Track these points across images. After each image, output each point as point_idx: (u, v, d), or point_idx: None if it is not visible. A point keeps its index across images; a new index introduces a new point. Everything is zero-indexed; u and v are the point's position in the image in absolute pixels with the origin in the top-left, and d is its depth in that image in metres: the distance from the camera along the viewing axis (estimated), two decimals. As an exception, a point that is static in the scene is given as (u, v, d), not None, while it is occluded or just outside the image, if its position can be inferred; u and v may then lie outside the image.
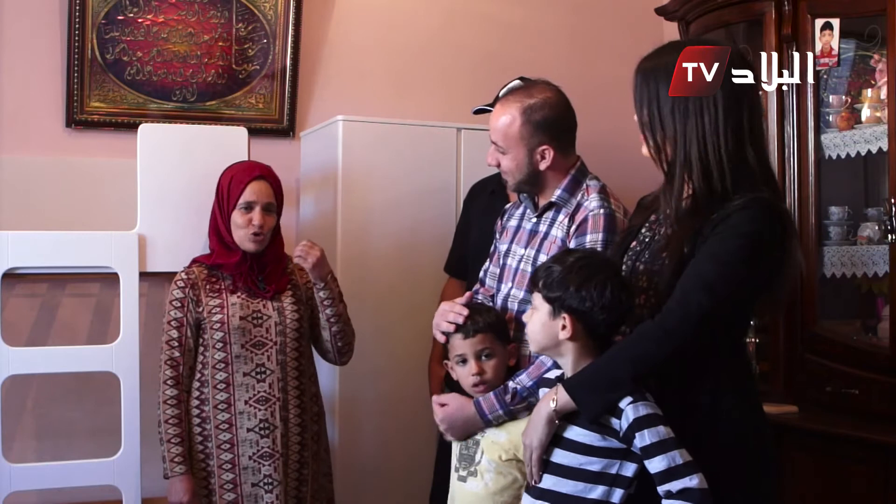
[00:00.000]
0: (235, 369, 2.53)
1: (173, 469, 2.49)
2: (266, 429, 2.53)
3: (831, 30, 2.83)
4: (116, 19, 3.22)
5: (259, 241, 2.56)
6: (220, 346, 2.53)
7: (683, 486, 1.63)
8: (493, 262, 2.44)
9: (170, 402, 2.52)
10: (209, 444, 2.53)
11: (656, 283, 1.80)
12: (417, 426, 3.13)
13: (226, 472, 2.52)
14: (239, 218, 2.56)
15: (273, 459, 2.52)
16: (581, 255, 1.84)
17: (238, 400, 2.52)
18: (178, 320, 2.55)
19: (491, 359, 2.10)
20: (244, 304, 2.56)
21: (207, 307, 2.55)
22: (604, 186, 2.27)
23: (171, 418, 2.51)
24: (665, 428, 1.66)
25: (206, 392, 2.54)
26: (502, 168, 2.29)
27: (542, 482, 1.77)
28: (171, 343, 2.54)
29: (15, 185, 3.12)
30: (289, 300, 2.61)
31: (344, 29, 3.59)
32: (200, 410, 2.54)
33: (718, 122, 1.76)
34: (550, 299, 1.79)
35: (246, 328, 2.54)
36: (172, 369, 2.53)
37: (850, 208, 2.96)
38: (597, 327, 1.77)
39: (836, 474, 2.61)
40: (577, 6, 3.92)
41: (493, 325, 2.12)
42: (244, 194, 2.56)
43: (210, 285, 2.58)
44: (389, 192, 3.13)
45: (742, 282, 1.71)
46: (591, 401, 1.70)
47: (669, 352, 1.71)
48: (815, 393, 2.83)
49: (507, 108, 2.25)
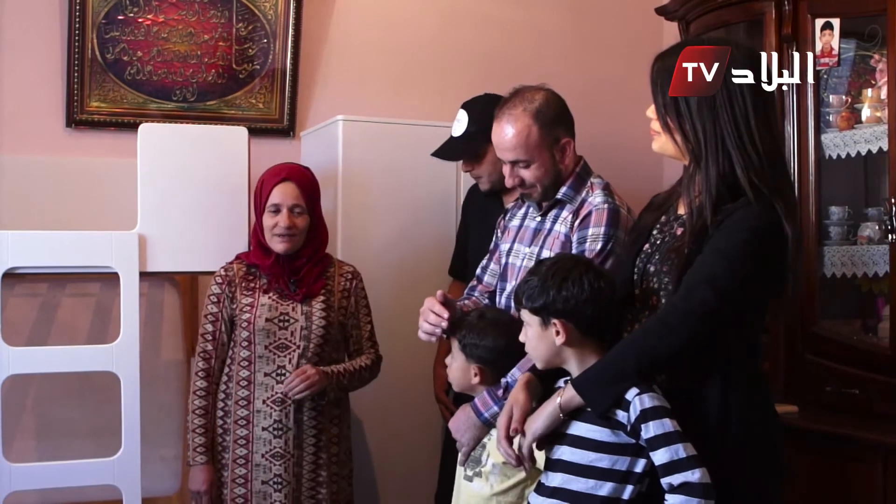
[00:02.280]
0: (257, 368, 2.57)
1: (195, 458, 2.58)
2: (279, 429, 2.56)
3: (831, 30, 2.83)
4: (116, 19, 3.22)
5: (288, 242, 2.58)
6: (246, 344, 2.59)
7: (685, 480, 1.63)
8: (494, 261, 2.43)
9: (198, 394, 2.60)
10: (227, 437, 2.60)
11: (667, 283, 1.79)
12: (420, 427, 3.13)
13: (239, 467, 2.57)
14: (268, 220, 2.59)
15: (284, 460, 2.55)
16: (552, 260, 1.87)
17: (257, 399, 2.57)
18: (214, 315, 2.62)
19: (453, 361, 2.17)
20: (273, 306, 2.58)
21: (240, 305, 2.60)
22: (608, 184, 2.27)
23: (197, 409, 2.60)
24: (670, 421, 1.66)
25: (231, 387, 2.60)
26: (528, 182, 2.24)
27: (552, 480, 1.77)
28: (206, 336, 2.62)
29: (15, 185, 3.12)
30: (319, 305, 2.62)
31: (344, 29, 3.59)
32: (224, 404, 2.62)
33: (749, 115, 1.76)
34: (537, 310, 1.80)
35: (271, 330, 2.57)
36: (204, 361, 2.61)
37: (850, 208, 2.96)
38: (588, 323, 1.78)
39: (836, 474, 2.61)
40: (577, 6, 3.92)
41: (463, 338, 2.13)
42: (271, 197, 2.59)
43: (246, 283, 2.63)
44: (389, 192, 3.14)
45: (747, 277, 1.71)
46: (598, 394, 1.70)
47: (674, 347, 1.71)
48: (815, 393, 2.83)
49: (516, 120, 2.21)
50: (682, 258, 1.76)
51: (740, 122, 1.76)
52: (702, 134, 1.78)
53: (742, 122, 1.76)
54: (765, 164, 1.76)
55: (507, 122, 2.22)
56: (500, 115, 2.25)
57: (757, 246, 1.71)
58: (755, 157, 1.75)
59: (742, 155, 1.75)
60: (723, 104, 1.76)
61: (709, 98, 1.77)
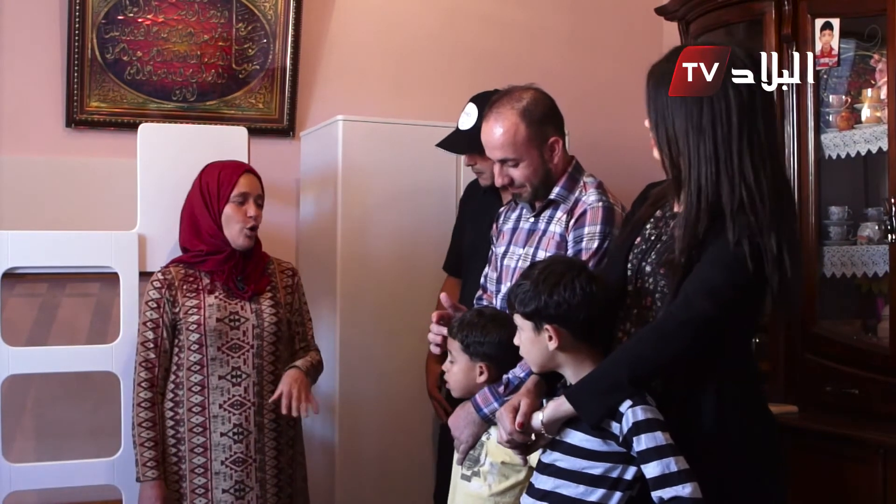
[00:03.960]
0: (210, 372, 2.49)
1: (145, 474, 2.45)
2: (240, 433, 2.49)
3: (831, 30, 2.83)
4: (116, 19, 3.22)
5: (251, 239, 2.54)
6: (196, 347, 2.49)
7: (675, 494, 1.62)
8: (493, 268, 2.43)
9: (143, 405, 2.48)
10: (182, 447, 2.49)
11: (663, 286, 1.79)
12: (418, 426, 3.13)
13: (198, 477, 2.48)
14: (233, 212, 2.53)
15: (245, 465, 2.49)
16: (544, 264, 1.85)
17: (212, 403, 2.48)
18: (154, 321, 2.50)
19: (454, 364, 2.16)
20: (221, 306, 2.51)
21: (184, 308, 2.50)
22: (601, 183, 2.27)
23: (144, 421, 2.47)
24: (663, 434, 1.65)
25: (181, 394, 2.50)
26: (517, 181, 2.24)
27: (544, 484, 1.77)
28: (147, 345, 2.50)
29: (15, 185, 3.12)
30: (267, 303, 2.57)
31: (344, 28, 3.59)
32: (174, 413, 2.50)
33: (732, 138, 1.71)
34: (529, 315, 1.79)
35: (223, 330, 2.49)
36: (147, 371, 2.49)
37: (850, 208, 2.95)
38: (581, 327, 1.77)
39: (835, 474, 2.61)
40: (576, 6, 3.92)
41: (466, 337, 2.13)
42: (238, 186, 2.54)
43: (187, 285, 2.53)
44: (389, 192, 3.14)
45: (746, 286, 1.70)
46: (591, 404, 1.70)
47: (669, 356, 1.70)
48: (815, 393, 2.83)
49: (504, 119, 2.21)
50: (679, 267, 1.73)
51: (721, 149, 1.70)
52: (684, 165, 1.75)
53: (723, 146, 1.70)
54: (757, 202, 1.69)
55: (495, 120, 2.22)
56: (489, 114, 2.26)
57: (756, 256, 1.68)
58: (744, 191, 1.69)
59: (733, 190, 1.70)
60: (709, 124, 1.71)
61: (694, 121, 1.72)
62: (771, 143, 1.75)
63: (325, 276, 3.16)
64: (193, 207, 2.58)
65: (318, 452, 3.10)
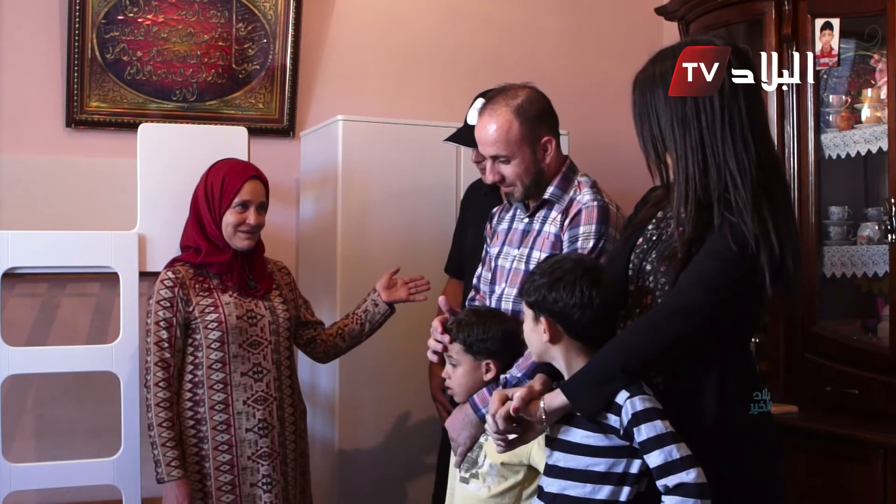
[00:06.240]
0: (233, 369, 2.51)
1: (170, 473, 2.43)
2: (265, 428, 2.52)
3: (831, 30, 2.83)
4: (116, 19, 3.22)
5: (251, 239, 2.56)
6: (217, 345, 2.50)
7: (680, 481, 1.62)
8: (486, 268, 2.43)
9: (163, 405, 2.46)
10: (205, 445, 2.49)
11: (663, 284, 1.79)
12: (418, 426, 3.13)
13: (224, 474, 2.50)
14: (232, 217, 2.54)
15: (272, 459, 2.52)
16: (557, 259, 1.88)
17: (236, 400, 2.50)
18: (168, 321, 2.49)
19: (456, 368, 2.15)
20: (238, 304, 2.54)
21: (199, 307, 2.51)
22: (595, 182, 2.27)
23: (164, 421, 2.45)
24: (663, 422, 1.66)
25: (201, 393, 2.50)
26: (508, 179, 2.24)
27: (551, 486, 1.78)
28: (161, 344, 2.48)
29: (15, 185, 3.12)
30: (278, 300, 2.63)
31: (344, 28, 3.59)
32: (195, 412, 2.49)
33: (716, 125, 1.72)
34: (530, 304, 1.82)
35: (243, 327, 2.52)
36: (164, 371, 2.47)
37: (850, 208, 2.96)
38: (576, 327, 1.77)
39: (836, 474, 2.61)
40: (576, 6, 3.92)
41: (467, 337, 2.14)
42: (240, 193, 2.55)
43: (199, 284, 2.55)
44: (389, 192, 3.14)
45: (741, 278, 1.70)
46: (585, 396, 1.70)
47: (660, 345, 1.70)
48: (815, 393, 2.83)
49: (498, 115, 2.21)
50: (679, 261, 1.75)
51: (706, 136, 1.73)
52: (672, 161, 1.76)
53: (708, 133, 1.72)
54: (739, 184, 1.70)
55: (489, 116, 2.22)
56: (483, 111, 2.26)
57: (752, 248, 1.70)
58: (727, 175, 1.71)
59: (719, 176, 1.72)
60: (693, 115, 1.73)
61: (679, 113, 1.74)
62: (753, 124, 1.75)
63: (325, 276, 3.16)
64: (199, 205, 2.60)
65: (318, 452, 3.10)
